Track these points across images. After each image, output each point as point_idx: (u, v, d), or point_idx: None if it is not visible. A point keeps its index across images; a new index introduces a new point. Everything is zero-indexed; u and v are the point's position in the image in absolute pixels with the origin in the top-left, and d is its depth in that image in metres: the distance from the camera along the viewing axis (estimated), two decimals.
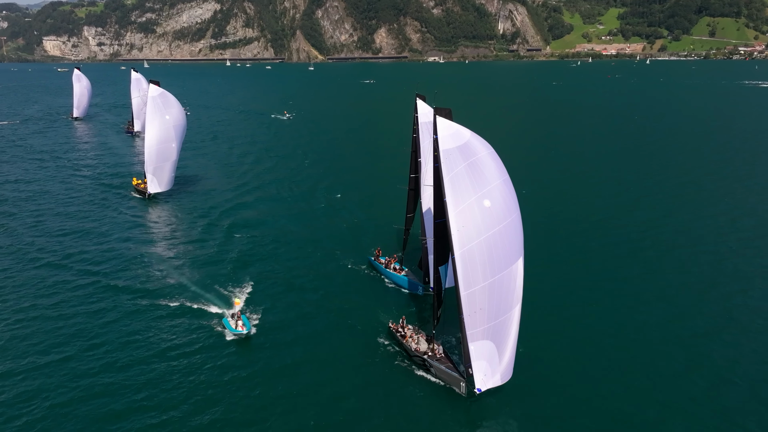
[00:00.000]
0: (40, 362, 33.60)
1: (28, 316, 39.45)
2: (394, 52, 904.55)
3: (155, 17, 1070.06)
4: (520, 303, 29.15)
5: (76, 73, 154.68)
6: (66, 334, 36.94)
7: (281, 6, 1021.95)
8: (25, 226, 60.38)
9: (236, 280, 45.18)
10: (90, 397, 30.53)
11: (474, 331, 28.01)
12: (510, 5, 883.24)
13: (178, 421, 28.34)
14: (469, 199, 27.93)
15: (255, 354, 34.34)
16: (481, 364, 28.50)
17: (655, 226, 59.10)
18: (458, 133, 29.83)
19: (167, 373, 32.63)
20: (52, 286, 44.82)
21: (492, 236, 27.58)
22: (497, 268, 27.66)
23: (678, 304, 41.07)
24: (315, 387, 30.80)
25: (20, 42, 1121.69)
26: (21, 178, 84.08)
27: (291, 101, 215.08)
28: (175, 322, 38.92)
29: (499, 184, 28.70)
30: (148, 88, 73.86)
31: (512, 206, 28.77)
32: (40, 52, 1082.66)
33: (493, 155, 30.01)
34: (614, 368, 32.89)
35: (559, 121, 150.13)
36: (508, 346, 29.00)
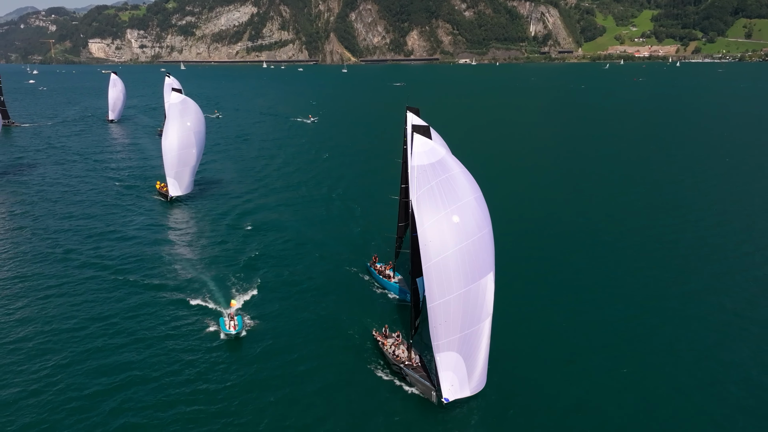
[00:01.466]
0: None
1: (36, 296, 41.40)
2: (426, 54, 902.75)
3: (195, 20, 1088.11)
4: (490, 317, 29.57)
5: (112, 78, 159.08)
6: (61, 325, 38.96)
7: (316, 9, 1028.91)
8: (54, 223, 63.53)
9: (241, 281, 46.67)
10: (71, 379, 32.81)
11: (439, 342, 28.68)
12: (542, 7, 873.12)
13: (148, 414, 29.61)
14: (438, 214, 28.57)
15: (240, 354, 35.63)
16: (447, 374, 29.10)
17: (646, 236, 58.56)
18: (433, 151, 30.47)
19: (150, 366, 34.64)
20: (63, 275, 47.79)
21: (459, 251, 28.15)
22: (464, 282, 28.20)
23: (655, 313, 40.84)
24: (290, 391, 31.81)
25: (67, 44, 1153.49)
26: (55, 178, 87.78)
27: (318, 104, 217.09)
28: (174, 317, 40.81)
29: (469, 200, 29.21)
30: (170, 96, 75.43)
31: (482, 223, 29.22)
32: (86, 54, 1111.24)
33: (466, 173, 30.61)
34: (590, 383, 33.02)
35: (572, 125, 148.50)
36: (477, 358, 29.49)
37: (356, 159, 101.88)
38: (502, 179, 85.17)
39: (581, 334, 38.21)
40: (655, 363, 34.81)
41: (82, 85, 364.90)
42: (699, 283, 46.42)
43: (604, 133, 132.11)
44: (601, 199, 74.05)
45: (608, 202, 72.20)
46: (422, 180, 29.46)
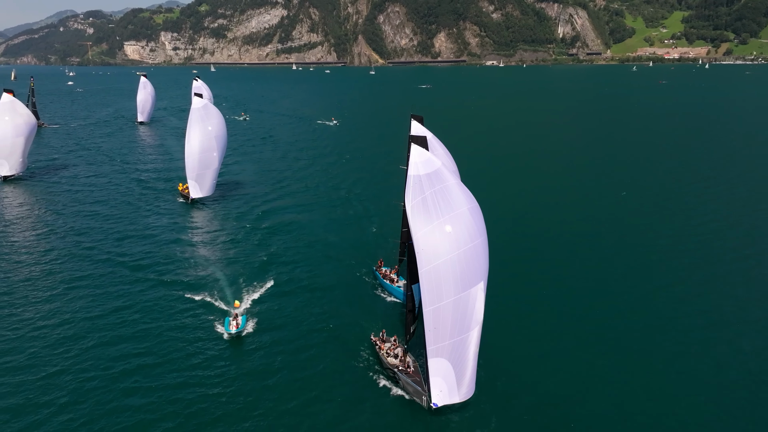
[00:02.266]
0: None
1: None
2: (453, 56, 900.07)
3: (226, 23, 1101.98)
4: (479, 326, 29.81)
5: (142, 81, 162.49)
6: (75, 318, 40.43)
7: (345, 11, 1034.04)
8: (80, 221, 66.05)
9: (251, 281, 47.73)
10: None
11: (430, 348, 29.14)
12: (570, 9, 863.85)
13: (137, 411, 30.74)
14: (432, 223, 28.96)
15: (239, 352, 36.55)
16: (437, 380, 29.55)
17: (650, 242, 57.94)
18: (429, 161, 30.85)
19: (153, 355, 36.38)
20: (87, 270, 49.82)
21: (451, 260, 28.49)
22: (455, 290, 28.54)
23: (661, 328, 40.53)
24: (283, 390, 32.46)
25: (104, 47, 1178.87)
26: (83, 178, 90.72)
27: (342, 106, 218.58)
28: (183, 313, 42.32)
29: (463, 211, 29.53)
30: (192, 101, 76.82)
31: (475, 233, 29.49)
32: (121, 56, 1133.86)
33: (461, 185, 30.96)
34: (580, 389, 33.02)
35: (586, 128, 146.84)
36: (466, 365, 29.79)
37: (376, 162, 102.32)
38: (512, 181, 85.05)
39: (577, 340, 38.20)
40: (653, 372, 34.66)
41: (116, 86, 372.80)
42: (713, 299, 45.81)
43: (617, 137, 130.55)
44: (609, 203, 73.40)
45: (613, 207, 71.57)
46: (417, 190, 29.91)
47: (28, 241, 60.37)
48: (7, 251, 56.69)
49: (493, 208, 71.23)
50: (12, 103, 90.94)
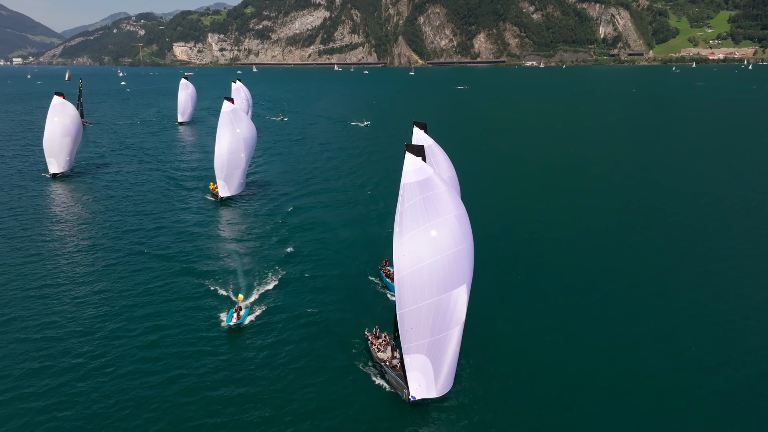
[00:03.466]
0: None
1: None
2: (492, 57, 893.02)
3: (271, 24, 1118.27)
4: (460, 325, 31.36)
5: (183, 82, 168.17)
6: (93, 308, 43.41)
7: (386, 13, 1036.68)
8: (114, 218, 70.21)
9: (263, 277, 49.99)
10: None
11: (410, 345, 30.84)
12: (612, 9, 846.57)
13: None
14: (418, 228, 30.70)
15: (237, 343, 38.58)
16: (415, 374, 31.20)
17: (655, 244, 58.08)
18: (421, 170, 32.54)
19: (156, 343, 39.13)
20: (116, 261, 53.73)
21: (434, 263, 30.16)
22: (436, 291, 30.18)
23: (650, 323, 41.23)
24: (273, 382, 34.21)
25: (154, 48, 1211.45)
26: (120, 176, 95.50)
27: (377, 107, 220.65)
28: (190, 302, 45.37)
29: (449, 217, 31.14)
30: (223, 104, 79.94)
31: (459, 238, 31.06)
32: (170, 57, 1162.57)
33: (451, 192, 32.49)
34: (560, 386, 34.20)
35: (605, 132, 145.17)
36: (444, 362, 31.38)
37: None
38: (535, 183, 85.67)
39: (571, 339, 39.24)
40: (639, 370, 35.48)
41: (162, 86, 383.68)
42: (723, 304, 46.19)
43: (634, 139, 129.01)
44: (620, 203, 73.44)
45: (619, 209, 71.63)
46: (407, 196, 31.67)
47: (71, 230, 65.44)
48: (54, 238, 62.17)
49: (517, 210, 72.69)
50: (62, 105, 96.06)
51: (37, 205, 76.86)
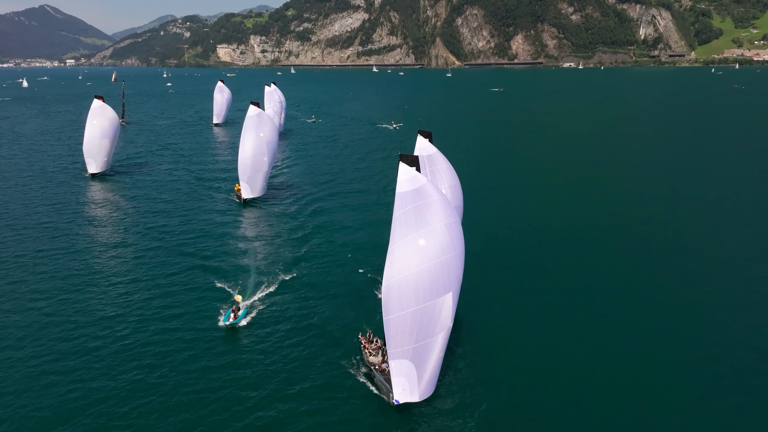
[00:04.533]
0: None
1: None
2: (530, 58, 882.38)
3: (311, 26, 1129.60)
4: (445, 331, 31.82)
5: (218, 85, 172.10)
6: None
7: (424, 14, 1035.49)
8: (146, 215, 73.62)
9: (270, 278, 50.93)
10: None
11: (394, 350, 31.41)
12: (653, 10, 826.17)
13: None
14: (408, 236, 31.31)
15: (228, 344, 39.46)
16: (399, 379, 31.76)
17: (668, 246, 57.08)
18: (415, 179, 33.15)
19: (154, 334, 41.00)
20: (140, 254, 55.82)
21: (420, 271, 30.71)
22: (422, 299, 30.72)
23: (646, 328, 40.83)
24: (263, 382, 34.98)
25: (198, 49, 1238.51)
26: (157, 175, 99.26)
27: (408, 109, 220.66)
28: (194, 298, 47.14)
29: (440, 226, 31.66)
30: (249, 108, 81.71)
31: (447, 247, 31.54)
32: (214, 59, 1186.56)
33: (444, 202, 33.01)
34: (545, 391, 34.34)
35: (625, 134, 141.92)
36: (428, 367, 31.86)
37: None
38: (561, 188, 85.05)
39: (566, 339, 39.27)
40: (628, 371, 35.39)
41: (204, 87, 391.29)
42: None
43: (659, 144, 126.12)
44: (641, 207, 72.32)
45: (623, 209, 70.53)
46: (400, 204, 32.34)
47: (100, 227, 68.86)
48: (84, 233, 65.97)
49: (535, 214, 72.48)
50: (101, 108, 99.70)
51: (74, 202, 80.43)
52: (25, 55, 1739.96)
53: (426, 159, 42.62)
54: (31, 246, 60.90)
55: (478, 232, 65.93)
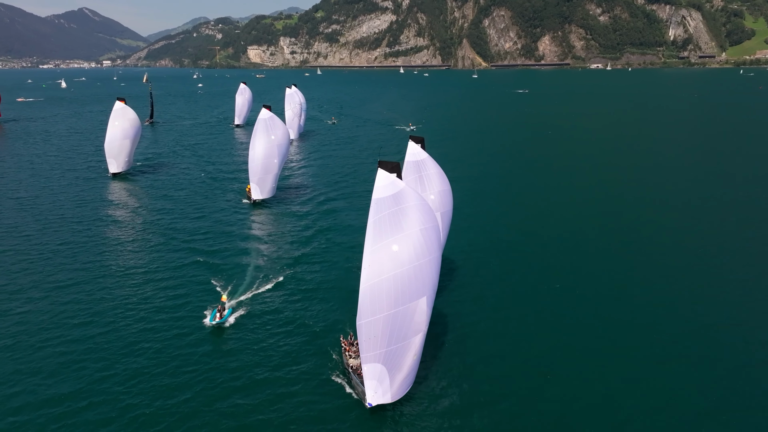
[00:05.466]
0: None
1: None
2: (557, 59, 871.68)
3: (339, 28, 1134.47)
4: (420, 334, 32.04)
5: (240, 87, 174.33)
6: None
7: (451, 16, 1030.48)
8: (160, 213, 76.05)
9: (267, 278, 51.73)
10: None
11: (367, 354, 31.68)
12: (683, 11, 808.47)
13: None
14: (382, 242, 31.58)
15: (211, 343, 39.95)
16: (372, 382, 32.00)
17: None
18: (393, 184, 33.39)
19: (140, 329, 42.35)
20: (149, 250, 57.28)
21: (393, 277, 30.96)
22: (394, 304, 30.95)
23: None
24: (241, 380, 35.53)
25: (230, 51, 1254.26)
26: (174, 174, 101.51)
27: (429, 111, 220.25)
28: (188, 295, 48.27)
29: (413, 232, 31.88)
30: (261, 112, 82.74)
31: (422, 253, 31.73)
32: (245, 60, 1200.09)
33: (422, 206, 33.18)
34: (523, 393, 34.27)
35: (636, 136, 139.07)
36: (401, 370, 32.10)
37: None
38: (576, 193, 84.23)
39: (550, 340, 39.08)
40: (608, 373, 35.12)
41: (233, 89, 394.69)
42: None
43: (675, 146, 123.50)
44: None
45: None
46: (376, 210, 32.62)
47: (118, 224, 71.38)
48: (103, 230, 68.41)
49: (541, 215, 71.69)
50: (122, 109, 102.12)
51: (93, 200, 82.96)
52: (65, 57, 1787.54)
53: (416, 164, 42.85)
54: (54, 237, 64.85)
55: (479, 232, 65.95)
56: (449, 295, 48.34)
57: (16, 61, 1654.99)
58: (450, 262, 56.21)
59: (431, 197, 42.01)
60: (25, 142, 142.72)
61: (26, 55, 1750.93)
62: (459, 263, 56.33)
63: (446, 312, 45.05)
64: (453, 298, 47.87)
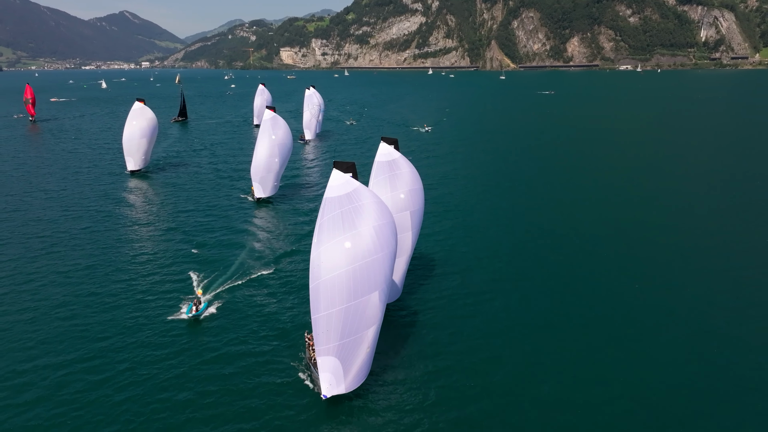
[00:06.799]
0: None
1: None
2: (585, 61, 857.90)
3: (370, 30, 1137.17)
4: (372, 328, 32.71)
5: (260, 88, 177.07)
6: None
7: (480, 17, 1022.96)
8: (171, 209, 78.81)
9: (249, 273, 52.85)
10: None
11: (321, 348, 32.39)
12: (716, 11, 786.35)
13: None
14: (334, 239, 32.38)
15: (182, 339, 40.67)
16: (326, 375, 32.71)
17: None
18: (347, 184, 34.23)
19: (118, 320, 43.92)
20: (152, 243, 59.07)
21: (346, 272, 31.74)
22: (347, 298, 31.68)
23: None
24: (207, 368, 36.58)
25: (263, 52, 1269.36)
26: (190, 171, 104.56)
27: (449, 112, 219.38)
28: (173, 287, 49.81)
29: (366, 229, 32.62)
30: (264, 113, 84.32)
31: (374, 249, 32.45)
32: (277, 61, 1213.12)
33: (376, 204, 33.92)
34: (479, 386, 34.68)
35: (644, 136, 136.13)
36: (355, 362, 32.78)
37: (449, 172, 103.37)
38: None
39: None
40: (578, 369, 35.27)
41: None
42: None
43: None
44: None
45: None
46: (327, 209, 33.41)
47: (128, 219, 73.77)
48: (113, 224, 71.29)
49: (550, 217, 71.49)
50: (141, 109, 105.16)
51: (110, 196, 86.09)
52: (105, 58, 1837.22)
53: (387, 164, 43.47)
54: (73, 225, 70.07)
55: (479, 234, 66.03)
56: (421, 290, 49.00)
57: (60, 63, 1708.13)
58: (429, 258, 56.84)
59: (401, 196, 42.63)
60: (58, 139, 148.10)
61: (69, 56, 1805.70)
62: (438, 260, 56.78)
63: (413, 306, 45.80)
64: (426, 292, 48.51)
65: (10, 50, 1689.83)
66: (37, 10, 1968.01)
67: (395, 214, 42.32)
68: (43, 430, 31.14)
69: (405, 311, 45.37)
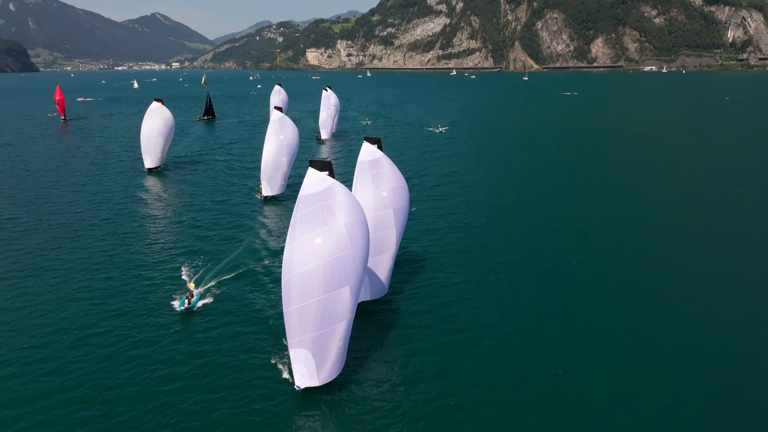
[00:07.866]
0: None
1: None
2: (609, 62, 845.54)
3: (394, 31, 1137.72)
4: (343, 322, 33.44)
5: (275, 89, 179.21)
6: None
7: (504, 19, 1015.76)
8: (184, 205, 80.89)
9: (247, 267, 53.95)
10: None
11: (293, 340, 33.26)
12: (743, 12, 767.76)
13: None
14: (306, 235, 33.27)
15: (173, 331, 41.60)
16: (299, 366, 33.53)
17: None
18: (321, 181, 35.08)
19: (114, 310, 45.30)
20: (159, 238, 61.67)
21: (317, 267, 32.52)
22: (319, 292, 32.45)
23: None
24: (183, 369, 37.00)
25: (289, 53, 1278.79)
26: (205, 169, 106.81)
27: (465, 112, 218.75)
28: (169, 281, 51.03)
29: (337, 225, 33.41)
30: (272, 112, 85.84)
31: (345, 245, 33.22)
32: (303, 62, 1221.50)
33: (349, 202, 34.72)
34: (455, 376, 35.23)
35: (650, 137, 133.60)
36: (328, 354, 33.57)
37: (455, 175, 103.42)
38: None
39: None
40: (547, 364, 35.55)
41: (287, 90, 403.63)
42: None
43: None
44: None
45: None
46: (301, 206, 34.25)
47: (141, 214, 75.73)
48: (125, 219, 73.13)
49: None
50: (159, 108, 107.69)
51: (126, 192, 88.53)
52: (137, 59, 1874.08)
53: (370, 164, 44.22)
54: (92, 214, 74.15)
55: (479, 233, 66.19)
56: (406, 287, 49.65)
57: (94, 63, 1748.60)
58: (421, 256, 57.42)
59: (384, 194, 43.33)
60: (86, 137, 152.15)
61: (103, 57, 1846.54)
62: (429, 258, 57.28)
63: (398, 303, 46.45)
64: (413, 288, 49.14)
65: (47, 51, 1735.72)
66: (72, 13, 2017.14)
67: (379, 211, 43.17)
68: (36, 422, 32.36)
69: (389, 306, 46.06)
